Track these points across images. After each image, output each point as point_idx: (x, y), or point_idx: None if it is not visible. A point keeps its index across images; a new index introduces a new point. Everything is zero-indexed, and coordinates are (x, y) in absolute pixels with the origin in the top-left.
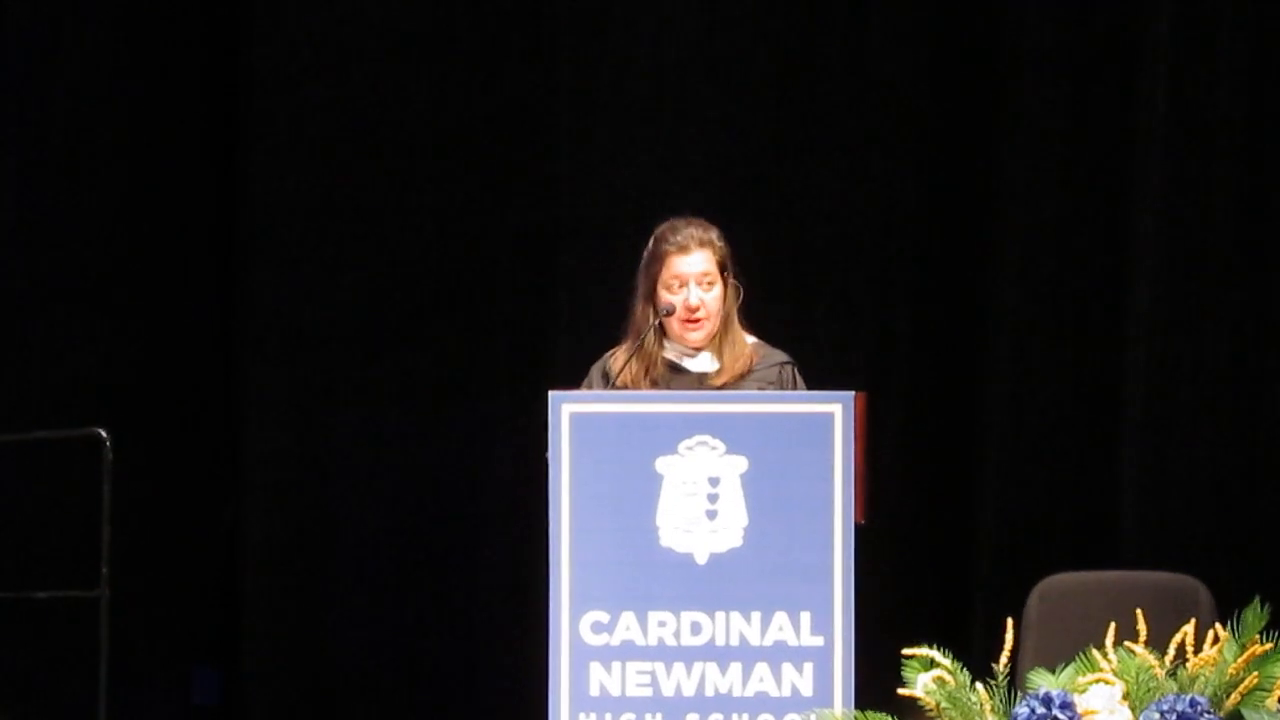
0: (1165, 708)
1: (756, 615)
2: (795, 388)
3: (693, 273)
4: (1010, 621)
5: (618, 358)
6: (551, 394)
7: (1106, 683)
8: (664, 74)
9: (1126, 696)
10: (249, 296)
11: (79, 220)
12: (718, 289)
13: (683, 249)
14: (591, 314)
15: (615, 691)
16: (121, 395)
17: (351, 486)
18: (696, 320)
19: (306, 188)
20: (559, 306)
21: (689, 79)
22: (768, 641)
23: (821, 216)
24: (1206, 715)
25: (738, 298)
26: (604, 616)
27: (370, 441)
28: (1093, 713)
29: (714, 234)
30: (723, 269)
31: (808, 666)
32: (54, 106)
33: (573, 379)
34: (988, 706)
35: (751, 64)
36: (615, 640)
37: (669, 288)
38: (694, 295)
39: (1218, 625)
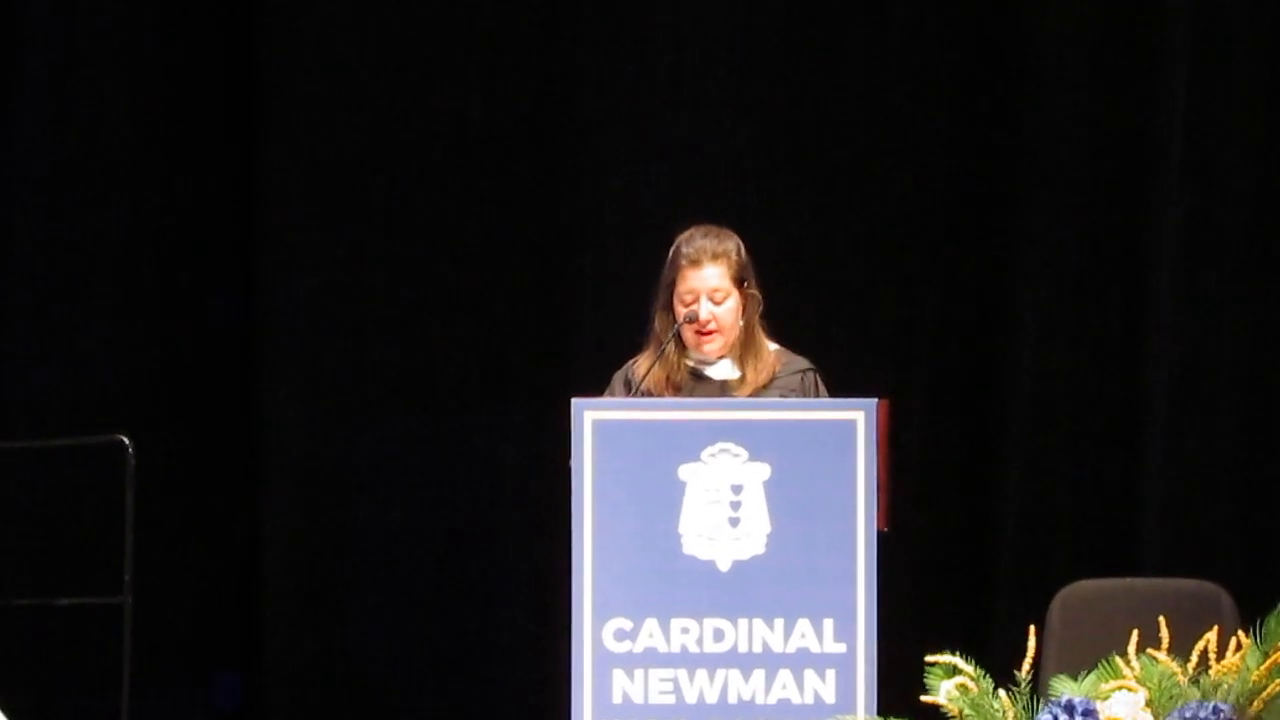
0: (1188, 715)
1: (779, 622)
2: (818, 394)
3: (704, 287)
4: (1032, 628)
5: (640, 365)
6: (574, 401)
7: (1129, 690)
8: (685, 77)
9: (1149, 703)
10: (268, 302)
11: (98, 229)
12: (731, 302)
13: (695, 263)
14: (614, 320)
15: (638, 699)
16: (142, 402)
17: (373, 492)
18: (709, 334)
19: (326, 194)
20: (581, 312)
21: (710, 82)
22: (791, 648)
23: (841, 222)
24: None
25: (758, 308)
26: (627, 623)
27: (392, 447)
28: None
29: (731, 245)
30: (740, 281)
31: (830, 673)
32: (71, 119)
33: (595, 385)
34: (1010, 714)
35: (772, 68)
36: (638, 647)
37: (682, 300)
38: (704, 310)
39: (1240, 632)
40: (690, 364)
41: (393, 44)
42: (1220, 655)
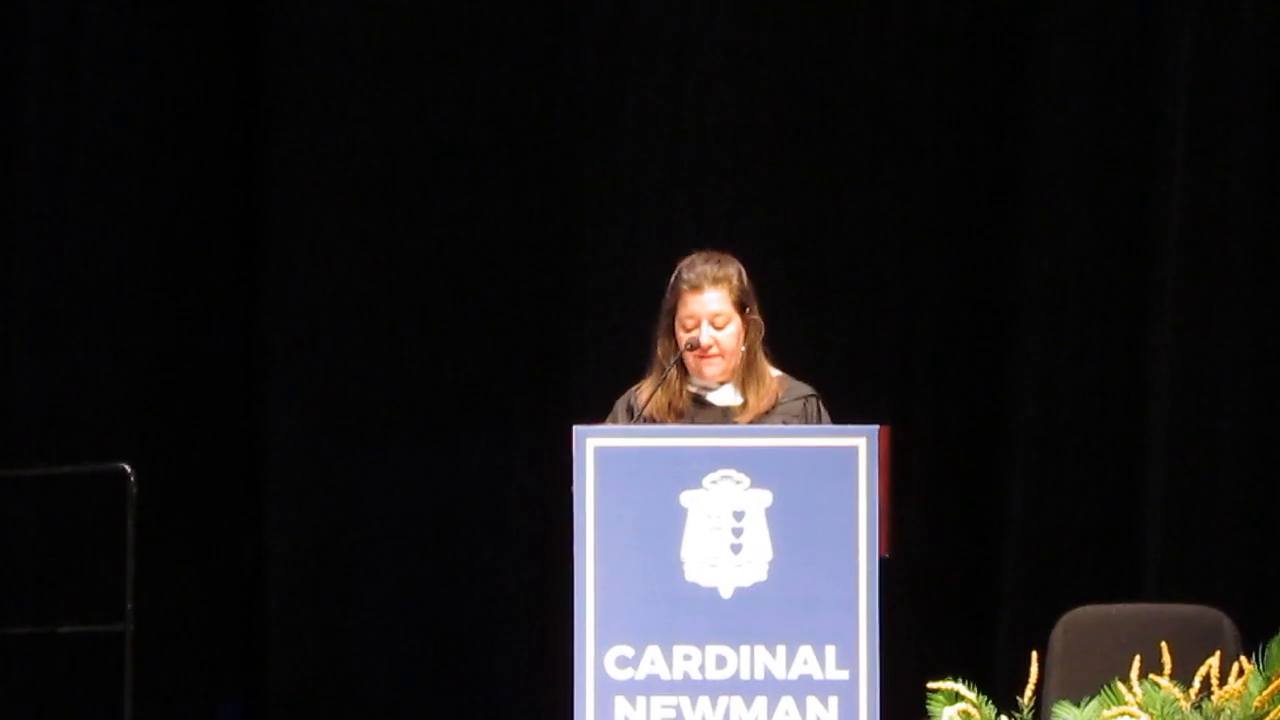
0: None
1: (781, 649)
2: (820, 421)
3: (705, 312)
4: (1035, 654)
5: (642, 391)
6: (576, 428)
7: (1131, 715)
8: (686, 105)
9: None
10: (271, 330)
11: (97, 257)
12: (733, 327)
13: (695, 288)
14: (616, 346)
15: None
16: (144, 429)
17: (374, 520)
18: (710, 358)
19: (328, 219)
20: (583, 339)
21: (711, 110)
22: (793, 675)
23: (843, 248)
24: None
25: (759, 333)
26: (629, 650)
27: (395, 474)
28: None
29: (732, 270)
30: (741, 306)
31: (833, 700)
32: (70, 145)
33: (598, 412)
34: None
35: (773, 97)
36: (640, 674)
37: (684, 326)
38: (705, 335)
39: (1243, 658)
40: (693, 390)
41: (395, 69)
42: (1222, 681)
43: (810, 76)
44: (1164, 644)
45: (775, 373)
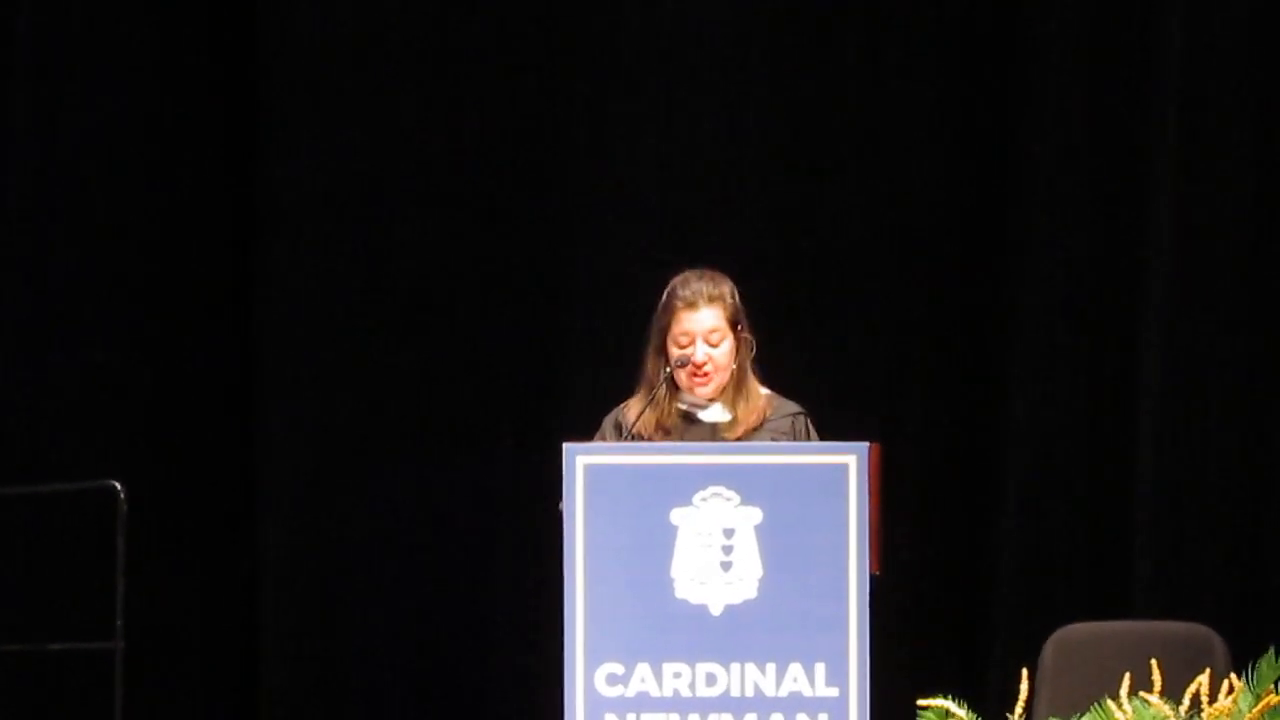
0: None
1: (771, 666)
2: (808, 439)
3: (700, 330)
4: (1025, 672)
5: (630, 409)
6: (566, 445)
7: None
8: (677, 124)
9: None
10: (263, 346)
11: (91, 274)
12: (726, 344)
13: (690, 305)
14: (606, 363)
15: None
16: (136, 447)
17: (368, 539)
18: (704, 375)
19: (319, 236)
20: (573, 356)
21: (701, 130)
22: (783, 692)
23: (833, 265)
24: None
25: (750, 351)
26: (619, 668)
27: (386, 491)
28: None
29: (725, 288)
30: (734, 324)
31: (823, 717)
32: (57, 155)
33: (587, 429)
34: None
35: (762, 116)
36: (630, 692)
37: (677, 343)
38: (700, 352)
39: (1233, 675)
40: (682, 408)
41: (387, 90)
42: (1212, 698)
43: (800, 96)
44: (1154, 661)
45: (764, 391)
